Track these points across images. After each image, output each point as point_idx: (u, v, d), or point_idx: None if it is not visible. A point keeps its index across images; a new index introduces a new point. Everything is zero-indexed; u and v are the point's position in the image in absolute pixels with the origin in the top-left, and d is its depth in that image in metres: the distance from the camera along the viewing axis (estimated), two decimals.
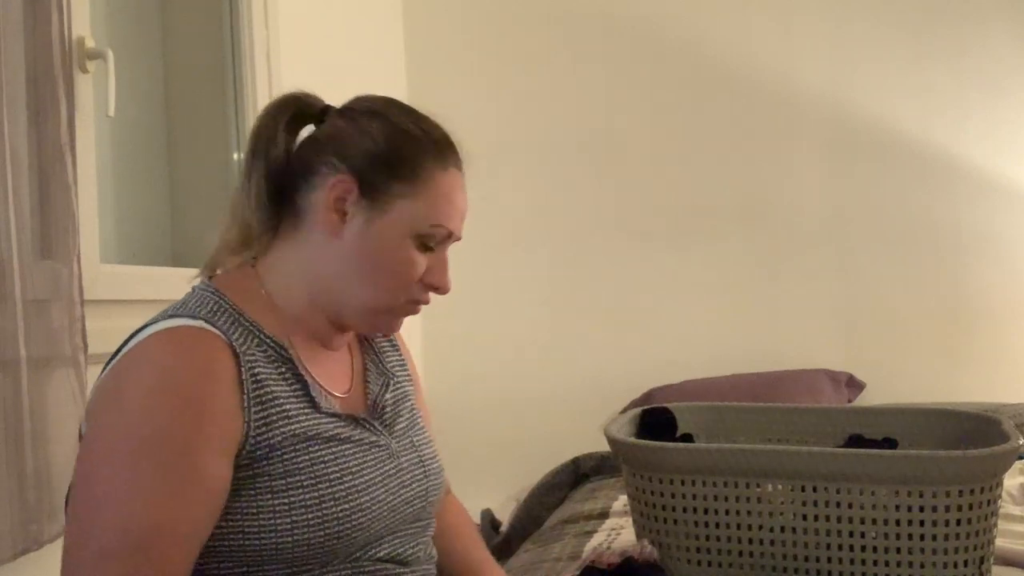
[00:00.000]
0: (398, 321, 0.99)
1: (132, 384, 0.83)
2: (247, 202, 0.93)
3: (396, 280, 0.94)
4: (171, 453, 0.79)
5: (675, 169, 2.89)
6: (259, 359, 0.87)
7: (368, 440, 0.94)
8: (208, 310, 0.88)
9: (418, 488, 0.98)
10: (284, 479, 0.85)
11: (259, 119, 0.95)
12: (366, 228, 0.92)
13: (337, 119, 0.96)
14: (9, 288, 1.17)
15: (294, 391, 0.89)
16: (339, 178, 0.92)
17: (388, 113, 0.96)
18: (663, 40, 2.88)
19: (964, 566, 1.02)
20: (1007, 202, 2.68)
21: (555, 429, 2.78)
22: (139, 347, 0.85)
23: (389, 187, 0.92)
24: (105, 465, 0.80)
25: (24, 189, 1.21)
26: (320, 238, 0.93)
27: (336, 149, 0.93)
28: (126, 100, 1.71)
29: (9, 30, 1.21)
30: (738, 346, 2.82)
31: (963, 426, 1.25)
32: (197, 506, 0.80)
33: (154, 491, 0.78)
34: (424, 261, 0.95)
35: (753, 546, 1.10)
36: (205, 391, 0.82)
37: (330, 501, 0.86)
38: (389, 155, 0.93)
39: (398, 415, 1.02)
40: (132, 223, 1.92)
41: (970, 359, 2.71)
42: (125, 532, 0.77)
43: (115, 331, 1.49)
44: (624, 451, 1.18)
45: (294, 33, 2.18)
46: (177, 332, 0.85)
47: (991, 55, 2.68)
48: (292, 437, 0.86)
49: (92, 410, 0.86)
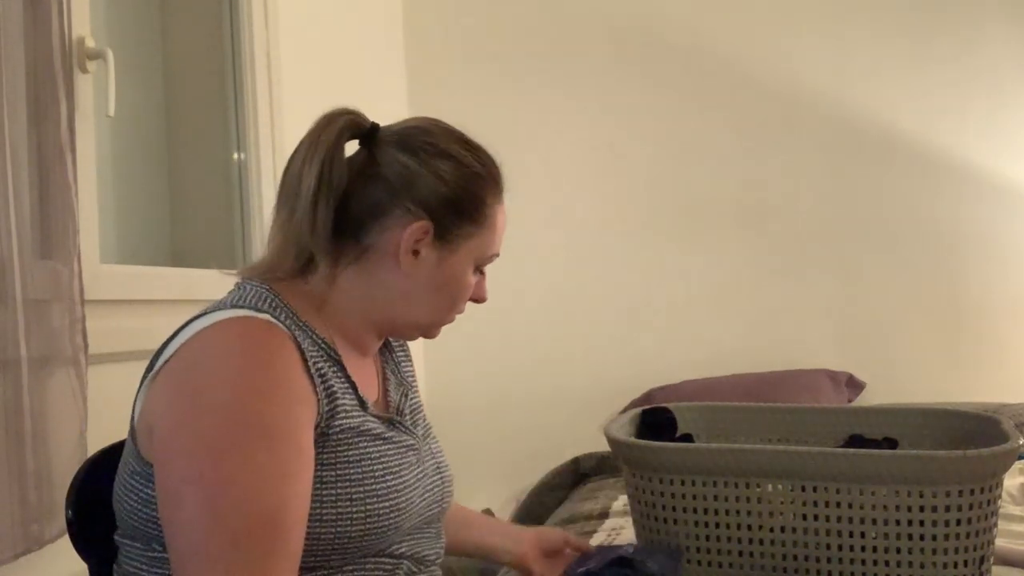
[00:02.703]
0: (440, 329, 1.05)
1: (219, 369, 0.81)
2: (309, 230, 0.91)
3: (456, 302, 1.01)
4: (276, 434, 0.80)
5: (675, 169, 2.89)
6: (317, 355, 0.89)
7: (405, 442, 0.97)
8: (268, 305, 0.88)
9: (437, 493, 1.01)
10: (333, 471, 0.86)
11: (324, 145, 0.93)
12: (437, 265, 0.97)
13: (400, 155, 0.96)
14: (9, 288, 1.17)
15: (345, 389, 0.91)
16: (418, 225, 0.94)
17: (453, 152, 0.97)
18: (665, 41, 2.88)
19: (964, 566, 1.02)
20: (1007, 202, 2.68)
21: (555, 429, 2.78)
22: (210, 333, 0.83)
23: (460, 228, 0.97)
24: (214, 458, 0.78)
25: (24, 189, 1.21)
26: (387, 274, 0.96)
27: (411, 194, 0.95)
28: (126, 100, 1.72)
29: (9, 30, 1.21)
30: (738, 346, 2.82)
31: (963, 426, 1.25)
32: (304, 483, 0.81)
33: (271, 471, 0.78)
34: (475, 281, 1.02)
35: (753, 546, 1.10)
36: (290, 374, 0.83)
37: (373, 498, 0.87)
38: (461, 199, 0.97)
39: (416, 423, 1.05)
40: (132, 223, 1.92)
41: (970, 359, 2.71)
42: (256, 513, 0.77)
43: (115, 331, 1.51)
44: (624, 451, 1.18)
45: (294, 33, 2.18)
46: (247, 320, 0.84)
47: (991, 56, 2.69)
48: (348, 431, 0.88)
49: (170, 409, 0.82)
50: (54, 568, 1.23)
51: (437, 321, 1.02)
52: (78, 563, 0.95)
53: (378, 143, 0.98)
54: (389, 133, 0.99)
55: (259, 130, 2.02)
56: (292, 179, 0.93)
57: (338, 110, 0.97)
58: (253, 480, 0.77)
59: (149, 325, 1.62)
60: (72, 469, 1.02)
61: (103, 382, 1.40)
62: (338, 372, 0.91)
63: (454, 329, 1.07)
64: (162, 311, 1.65)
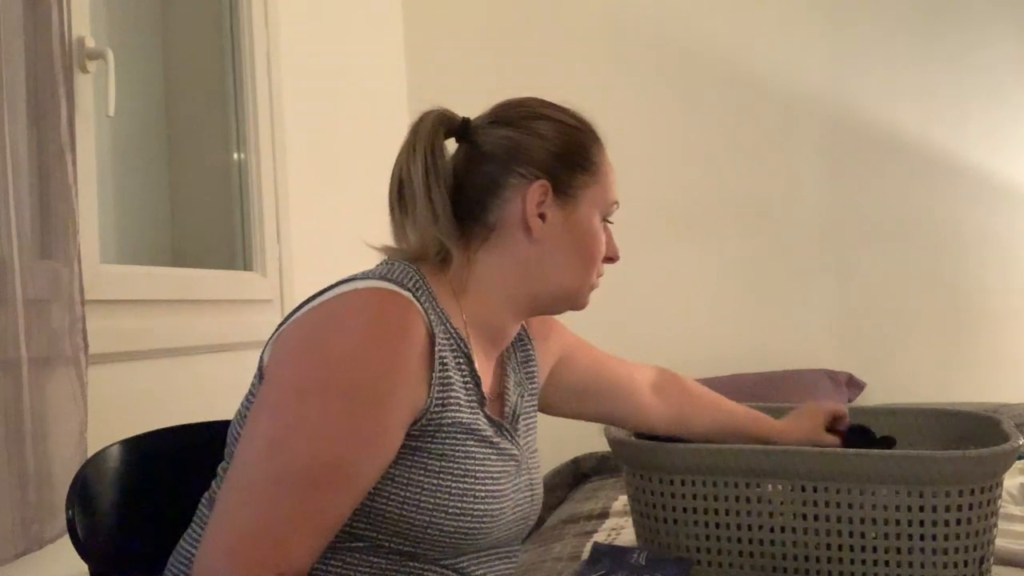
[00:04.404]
0: (589, 297, 1.03)
1: (337, 331, 0.83)
2: (432, 220, 0.92)
3: (594, 260, 1.01)
4: (364, 403, 0.81)
5: (676, 169, 2.89)
6: (445, 344, 0.89)
7: (509, 451, 0.96)
8: (413, 284, 0.89)
9: (526, 509, 1.00)
10: (440, 461, 0.87)
11: (422, 137, 0.94)
12: (565, 223, 0.97)
13: (498, 130, 0.97)
14: (9, 288, 1.17)
15: (466, 384, 0.91)
16: (537, 185, 0.95)
17: (547, 113, 0.99)
18: (665, 39, 2.88)
19: (964, 566, 1.02)
20: (1007, 202, 2.68)
21: (555, 429, 2.78)
22: (351, 296, 0.85)
23: (575, 180, 0.98)
24: (297, 399, 0.80)
25: (24, 189, 1.22)
26: (519, 245, 0.96)
27: (520, 160, 0.95)
28: (126, 100, 1.71)
29: (9, 30, 1.21)
30: (738, 346, 2.82)
31: (963, 426, 1.25)
32: (373, 458, 0.81)
33: (341, 432, 0.79)
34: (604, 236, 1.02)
35: (753, 546, 1.10)
36: (405, 355, 0.83)
37: (470, 497, 0.88)
38: (568, 152, 0.98)
39: (526, 432, 1.04)
40: (132, 223, 1.92)
41: (970, 359, 2.71)
42: (305, 466, 0.78)
43: (115, 331, 1.51)
44: (624, 451, 1.18)
45: (294, 33, 2.18)
46: (387, 294, 0.85)
47: (991, 56, 2.69)
48: (459, 425, 0.88)
49: (287, 349, 0.86)
50: (54, 568, 1.23)
51: (580, 285, 1.00)
52: (78, 563, 0.95)
53: (473, 131, 0.99)
54: (480, 119, 1.00)
55: (259, 130, 2.02)
56: (402, 179, 0.95)
57: (428, 110, 0.98)
58: (317, 436, 0.79)
59: (149, 325, 1.62)
60: (72, 469, 1.02)
61: (103, 382, 1.40)
62: (462, 364, 0.91)
63: None
64: (162, 311, 1.65)
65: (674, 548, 1.14)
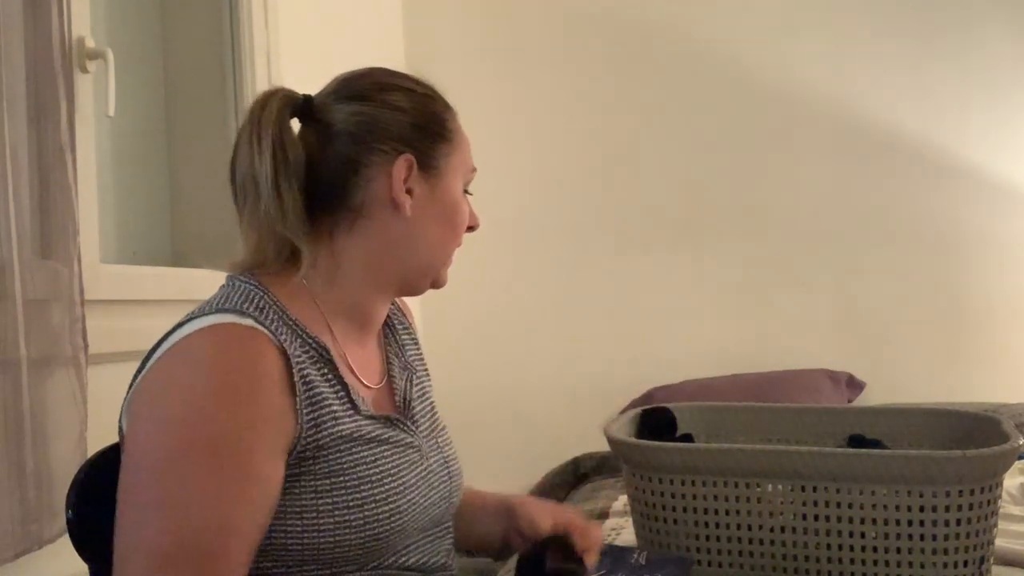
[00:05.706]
0: (447, 273, 1.02)
1: (181, 383, 0.79)
2: (280, 219, 0.87)
3: (459, 231, 0.99)
4: (227, 455, 0.77)
5: (676, 169, 2.89)
6: (305, 360, 0.85)
7: (404, 441, 0.93)
8: (255, 307, 0.85)
9: (443, 490, 0.98)
10: (328, 479, 0.84)
11: (268, 125, 0.88)
12: (432, 196, 0.95)
13: (348, 106, 0.93)
14: (9, 288, 1.17)
15: (336, 392, 0.88)
16: (402, 159, 0.92)
17: (396, 83, 0.97)
18: (666, 40, 2.88)
19: (964, 566, 1.02)
20: (1007, 202, 2.68)
21: (555, 429, 2.79)
22: (186, 343, 0.80)
23: (436, 151, 0.95)
24: (156, 469, 0.76)
25: (24, 189, 1.21)
26: (388, 223, 0.93)
27: (379, 135, 0.92)
28: (126, 100, 1.71)
29: (9, 30, 1.21)
30: (738, 346, 2.82)
31: (963, 426, 1.25)
32: (255, 507, 0.78)
33: (211, 494, 0.76)
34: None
35: (753, 546, 1.10)
36: (258, 391, 0.79)
37: (371, 503, 0.85)
38: (426, 122, 0.95)
39: (423, 413, 1.02)
40: (132, 223, 1.92)
41: (970, 359, 2.71)
42: (182, 538, 0.75)
43: (115, 331, 1.51)
44: (624, 451, 1.18)
45: (294, 33, 2.18)
46: (227, 329, 0.81)
47: (992, 56, 2.69)
48: (339, 438, 0.85)
49: (136, 410, 0.82)
50: (54, 568, 1.22)
51: (442, 257, 0.98)
52: (78, 563, 0.95)
53: (319, 108, 0.94)
54: (325, 95, 0.95)
55: None
56: (244, 170, 0.89)
57: (268, 90, 0.92)
58: (188, 504, 0.75)
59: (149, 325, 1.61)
60: (72, 469, 1.01)
61: (103, 382, 1.39)
62: (328, 375, 0.87)
63: (454, 329, 1.08)
64: (162, 311, 1.65)
65: (674, 548, 1.14)
